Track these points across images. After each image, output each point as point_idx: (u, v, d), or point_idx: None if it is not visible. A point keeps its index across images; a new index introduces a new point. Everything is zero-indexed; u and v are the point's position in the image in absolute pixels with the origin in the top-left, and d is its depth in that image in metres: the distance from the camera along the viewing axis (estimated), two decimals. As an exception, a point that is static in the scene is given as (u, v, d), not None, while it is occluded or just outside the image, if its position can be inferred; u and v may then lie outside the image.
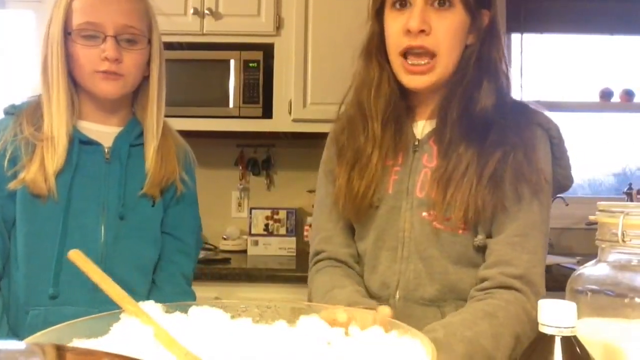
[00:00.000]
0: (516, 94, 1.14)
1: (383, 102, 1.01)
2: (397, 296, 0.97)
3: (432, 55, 0.94)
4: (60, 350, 0.33)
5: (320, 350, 0.49)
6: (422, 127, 1.02)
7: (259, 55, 2.26)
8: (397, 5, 0.96)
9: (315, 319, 0.54)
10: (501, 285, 0.89)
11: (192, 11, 2.23)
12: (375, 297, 0.99)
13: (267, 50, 2.26)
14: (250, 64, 2.25)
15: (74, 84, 1.11)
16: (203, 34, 2.24)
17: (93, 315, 0.50)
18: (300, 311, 0.57)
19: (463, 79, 0.97)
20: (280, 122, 2.25)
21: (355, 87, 1.08)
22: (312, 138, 2.59)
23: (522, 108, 1.01)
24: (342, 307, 0.65)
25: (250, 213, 2.44)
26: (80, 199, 1.09)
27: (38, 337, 0.45)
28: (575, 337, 0.52)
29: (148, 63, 1.14)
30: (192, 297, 1.23)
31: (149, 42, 1.13)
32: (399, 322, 0.52)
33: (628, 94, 2.61)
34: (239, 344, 0.49)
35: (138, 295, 0.73)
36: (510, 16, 2.34)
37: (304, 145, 2.62)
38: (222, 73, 2.25)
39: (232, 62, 2.25)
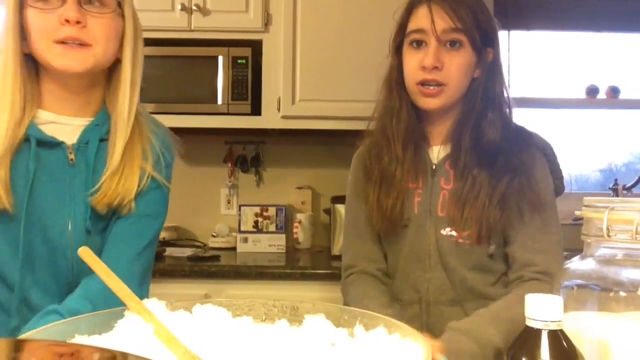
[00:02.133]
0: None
1: (403, 127, 1.18)
2: (429, 300, 1.15)
3: (443, 86, 1.12)
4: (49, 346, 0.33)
5: (324, 352, 0.50)
6: (437, 152, 1.20)
7: (247, 51, 2.25)
8: (415, 45, 1.15)
9: (320, 319, 0.54)
10: (527, 279, 1.08)
11: (179, 7, 2.21)
12: (408, 301, 1.17)
13: (256, 47, 2.25)
14: (239, 61, 2.24)
15: (34, 64, 0.93)
16: (191, 30, 2.22)
17: (97, 312, 0.50)
18: (306, 310, 0.57)
19: (472, 110, 1.15)
20: (269, 118, 2.24)
21: (379, 115, 1.24)
22: (301, 135, 2.60)
23: (521, 133, 1.19)
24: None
25: (240, 210, 2.43)
26: (42, 212, 0.92)
27: (39, 332, 0.45)
28: (561, 330, 0.53)
29: (121, 43, 0.96)
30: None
31: (122, 11, 0.95)
32: (402, 324, 0.53)
33: (614, 91, 2.64)
34: (238, 343, 0.49)
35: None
36: (497, 13, 2.35)
37: (293, 142, 2.62)
38: (210, 69, 2.24)
39: (220, 58, 2.24)
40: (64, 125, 0.96)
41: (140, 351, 0.36)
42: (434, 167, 1.18)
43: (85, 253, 0.53)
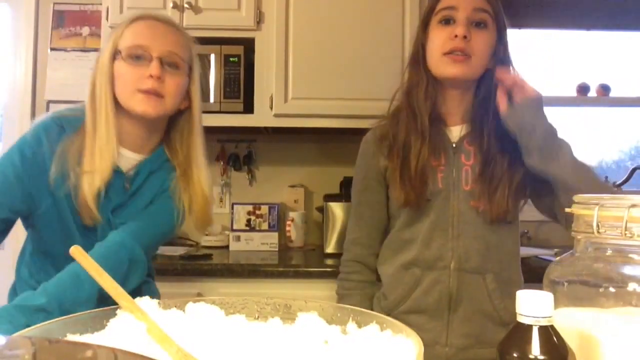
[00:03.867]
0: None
1: (430, 102, 1.25)
2: (452, 267, 1.23)
3: (469, 56, 1.20)
4: (48, 342, 0.32)
5: (317, 349, 0.50)
6: (456, 131, 1.28)
7: (239, 49, 2.24)
8: (443, 22, 1.23)
9: (313, 316, 0.54)
10: None
11: (171, 5, 2.21)
12: (430, 267, 1.25)
13: (248, 45, 2.25)
14: (231, 59, 2.24)
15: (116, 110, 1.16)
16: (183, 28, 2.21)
17: (89, 311, 0.50)
18: (299, 308, 0.57)
19: (487, 95, 1.23)
20: (262, 117, 2.24)
21: (405, 92, 1.30)
22: (293, 133, 2.60)
23: None
24: None
25: (232, 208, 2.43)
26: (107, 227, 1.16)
27: (29, 331, 0.44)
28: (552, 326, 0.53)
29: (189, 95, 1.21)
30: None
31: (190, 72, 1.21)
32: (394, 321, 0.53)
33: (604, 89, 2.66)
34: (231, 341, 0.49)
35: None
36: (489, 11, 2.36)
37: (286, 140, 2.62)
38: (202, 68, 2.22)
39: (212, 56, 2.23)
40: (132, 159, 1.20)
41: (133, 350, 0.36)
42: (454, 145, 1.27)
43: (77, 251, 0.53)
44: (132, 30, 1.16)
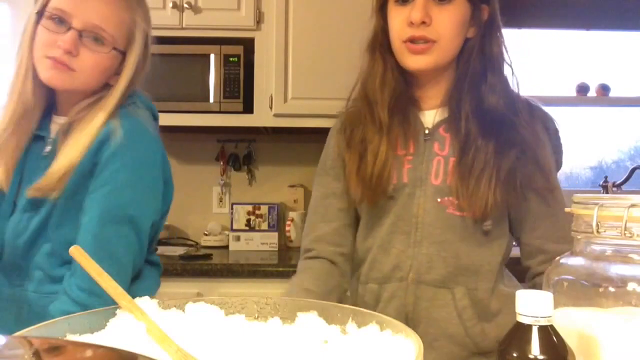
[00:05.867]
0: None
1: (388, 92, 1.06)
2: (410, 278, 1.02)
3: (432, 42, 1.00)
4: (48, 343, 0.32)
5: (317, 349, 0.50)
6: (431, 116, 1.07)
7: (239, 49, 2.24)
8: (400, 1, 1.03)
9: (313, 316, 0.54)
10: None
11: (171, 5, 2.20)
12: (386, 279, 1.04)
13: (248, 45, 2.25)
14: (231, 59, 2.24)
15: None
16: (182, 28, 2.22)
17: (89, 311, 0.50)
18: (298, 307, 0.57)
19: (467, 72, 1.03)
20: (261, 117, 2.24)
21: (362, 81, 1.12)
22: (293, 133, 2.60)
23: (525, 104, 1.07)
24: None
25: (232, 208, 2.43)
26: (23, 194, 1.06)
27: (29, 331, 0.44)
28: (551, 326, 0.53)
29: (117, 73, 1.10)
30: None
31: (122, 53, 1.09)
32: (394, 320, 0.53)
33: (604, 89, 2.66)
34: (231, 341, 0.49)
35: None
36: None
37: (286, 140, 2.62)
38: (202, 68, 2.23)
39: (212, 56, 2.23)
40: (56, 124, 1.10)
41: (133, 350, 0.36)
42: (427, 131, 1.06)
43: (77, 252, 0.53)
44: None
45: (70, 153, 1.02)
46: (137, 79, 1.15)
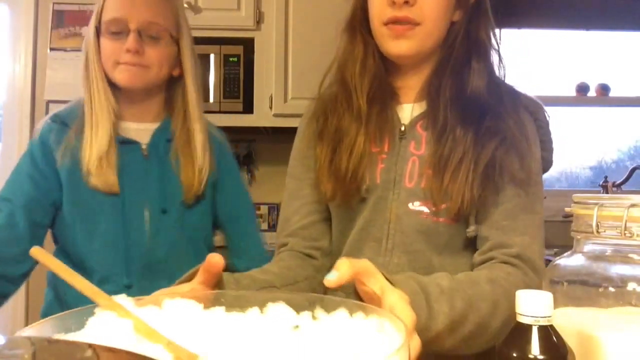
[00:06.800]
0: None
1: (369, 78, 0.96)
2: None
3: (416, 25, 0.91)
4: (48, 342, 0.32)
5: (288, 335, 0.50)
6: (408, 111, 0.97)
7: (239, 49, 2.24)
8: None
9: (281, 305, 0.54)
10: (501, 262, 0.86)
11: (171, 5, 2.21)
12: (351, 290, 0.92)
13: (248, 45, 2.25)
14: (231, 59, 2.24)
15: (110, 84, 1.17)
16: (182, 28, 2.22)
17: (68, 311, 0.49)
18: (269, 298, 0.56)
19: (450, 57, 0.94)
20: (261, 117, 2.24)
21: (339, 64, 1.02)
22: (293, 133, 2.58)
23: (510, 91, 0.98)
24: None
25: (232, 208, 2.42)
26: (127, 194, 1.17)
27: (23, 331, 0.44)
28: (551, 326, 0.53)
29: (180, 63, 1.20)
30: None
31: (177, 41, 1.19)
32: (365, 304, 0.52)
33: (604, 89, 2.66)
34: (211, 332, 0.49)
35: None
36: (488, 11, 2.36)
37: (285, 140, 2.61)
38: (202, 67, 2.23)
39: (212, 56, 2.23)
40: (137, 130, 1.21)
41: (119, 346, 0.36)
42: (402, 128, 0.96)
43: (39, 252, 0.51)
44: (111, 1, 1.16)
45: (199, 158, 1.21)
46: (198, 69, 1.26)
